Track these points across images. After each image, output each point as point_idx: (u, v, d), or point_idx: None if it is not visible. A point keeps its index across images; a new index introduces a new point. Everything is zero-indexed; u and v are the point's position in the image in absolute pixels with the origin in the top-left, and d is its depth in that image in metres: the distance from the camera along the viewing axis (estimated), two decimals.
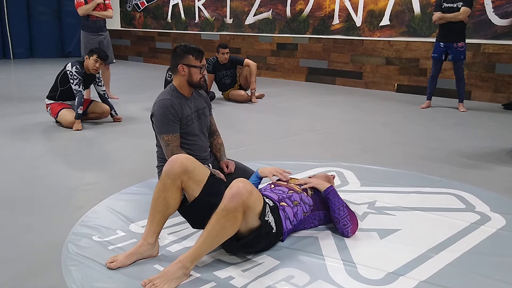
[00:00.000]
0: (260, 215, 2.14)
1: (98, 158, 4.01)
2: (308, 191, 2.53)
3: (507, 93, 6.78)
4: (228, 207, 1.98)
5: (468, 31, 6.50)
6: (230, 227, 2.01)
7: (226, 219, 1.99)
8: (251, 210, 2.07)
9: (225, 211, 1.99)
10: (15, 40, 12.64)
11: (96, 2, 6.43)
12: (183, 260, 2.01)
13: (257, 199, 2.11)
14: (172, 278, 1.97)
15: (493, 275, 2.10)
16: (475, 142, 4.62)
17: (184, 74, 2.82)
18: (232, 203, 1.98)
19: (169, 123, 2.79)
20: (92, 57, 4.92)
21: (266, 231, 2.20)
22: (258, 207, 2.12)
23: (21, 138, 4.59)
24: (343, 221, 2.40)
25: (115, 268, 2.10)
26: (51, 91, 5.12)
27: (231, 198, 1.99)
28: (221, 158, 3.08)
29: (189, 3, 11.20)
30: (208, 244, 2.03)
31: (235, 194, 2.00)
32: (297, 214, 2.40)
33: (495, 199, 3.01)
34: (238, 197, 1.99)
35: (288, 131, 5.07)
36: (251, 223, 2.13)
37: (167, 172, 2.20)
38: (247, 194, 2.02)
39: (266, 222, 2.19)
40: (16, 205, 2.94)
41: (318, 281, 2.03)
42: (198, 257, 2.03)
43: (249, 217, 2.09)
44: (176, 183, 2.18)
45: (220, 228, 2.00)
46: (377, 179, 3.40)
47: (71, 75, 4.89)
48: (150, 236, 2.20)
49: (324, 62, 8.89)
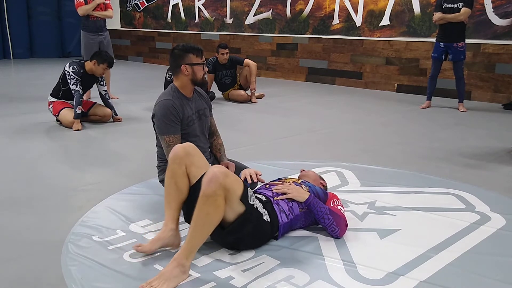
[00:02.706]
0: (241, 198, 2.15)
1: (98, 158, 4.01)
2: (303, 187, 2.53)
3: (507, 93, 6.78)
4: (207, 192, 2.01)
5: (468, 31, 6.51)
6: (214, 213, 2.03)
7: (207, 205, 2.01)
8: (231, 193, 2.09)
9: (205, 197, 2.01)
10: (15, 40, 12.64)
11: (96, 3, 6.43)
12: (178, 258, 2.01)
13: (234, 181, 2.13)
14: (169, 277, 1.96)
15: (493, 275, 2.10)
16: (475, 142, 4.62)
17: (188, 74, 2.82)
18: (210, 187, 2.01)
19: (170, 124, 2.79)
20: (102, 65, 4.99)
21: (255, 217, 2.20)
22: (238, 190, 2.14)
23: (21, 138, 4.59)
24: (331, 228, 2.41)
25: (140, 251, 2.19)
26: (55, 90, 5.16)
27: (208, 183, 2.02)
28: (221, 158, 3.08)
29: (189, 3, 11.20)
30: (198, 235, 2.04)
31: (211, 178, 2.03)
32: (292, 209, 2.40)
33: (495, 199, 3.01)
34: (215, 181, 2.02)
35: (288, 131, 5.07)
36: (236, 209, 2.14)
37: (172, 158, 2.30)
38: (222, 176, 2.04)
39: (251, 206, 2.20)
40: (16, 205, 2.94)
41: (318, 281, 2.03)
42: (191, 252, 2.03)
43: (232, 202, 2.10)
44: (181, 168, 2.27)
45: (204, 216, 2.02)
46: (377, 179, 3.40)
47: (68, 75, 4.94)
48: (171, 222, 2.27)
49: (324, 62, 8.89)
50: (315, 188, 2.61)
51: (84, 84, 5.06)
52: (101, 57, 5.01)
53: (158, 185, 3.04)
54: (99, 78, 5.19)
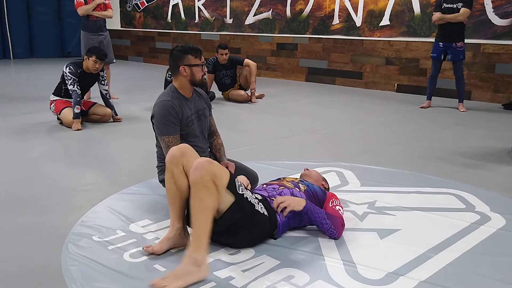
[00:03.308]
0: (229, 186, 2.17)
1: (98, 158, 4.01)
2: (300, 187, 2.53)
3: (507, 93, 6.78)
4: (195, 179, 2.08)
5: (468, 31, 6.51)
6: (206, 197, 2.07)
7: (198, 190, 2.06)
8: (219, 178, 2.12)
9: (195, 185, 2.08)
10: (15, 40, 12.64)
11: (96, 3, 6.43)
12: (187, 254, 2.03)
13: (219, 168, 2.18)
14: (181, 275, 1.95)
15: (493, 275, 2.10)
16: (475, 142, 4.62)
17: (187, 75, 2.82)
18: (196, 174, 2.08)
19: (169, 125, 2.79)
20: (92, 58, 4.97)
21: (247, 206, 2.22)
22: (225, 177, 2.17)
23: (21, 138, 4.59)
24: (329, 232, 2.41)
25: (149, 252, 2.22)
26: (57, 88, 5.18)
27: (194, 172, 2.11)
28: (221, 158, 3.08)
29: (189, 3, 11.20)
30: (199, 224, 2.06)
31: (196, 167, 2.11)
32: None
33: (495, 199, 3.01)
34: (200, 167, 2.09)
35: (288, 131, 5.07)
36: (225, 198, 2.17)
37: (169, 159, 2.33)
38: (207, 163, 2.12)
39: (241, 196, 2.22)
40: (16, 205, 2.94)
41: (318, 281, 2.03)
42: (199, 243, 2.03)
43: (220, 190, 2.13)
44: (179, 168, 2.30)
45: (198, 202, 2.06)
46: (377, 179, 3.40)
47: (65, 76, 4.98)
48: (177, 222, 2.31)
49: (324, 62, 8.89)
50: (313, 187, 2.61)
51: (83, 83, 5.07)
52: (90, 51, 5.01)
53: (158, 185, 3.03)
54: (100, 77, 5.19)
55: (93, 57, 4.97)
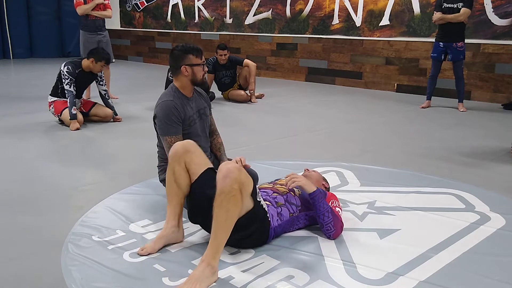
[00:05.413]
0: (252, 193, 2.17)
1: (98, 158, 4.01)
2: (295, 191, 2.52)
3: (507, 93, 6.78)
4: (225, 189, 2.01)
5: (468, 31, 6.51)
6: (234, 208, 2.03)
7: (226, 201, 2.01)
8: (245, 188, 2.09)
9: (223, 194, 2.01)
10: (15, 40, 12.64)
11: (95, 3, 6.44)
12: (205, 259, 2.00)
13: (247, 176, 2.14)
14: (200, 278, 1.95)
15: (493, 275, 2.10)
16: (475, 142, 4.62)
17: (188, 75, 2.82)
18: (226, 183, 2.01)
19: (172, 125, 2.79)
20: (100, 63, 5.01)
21: (261, 214, 2.23)
22: (250, 185, 2.15)
23: (21, 138, 4.59)
24: (327, 226, 2.39)
25: (145, 254, 2.21)
26: (54, 88, 5.17)
27: (224, 179, 2.02)
28: (221, 157, 3.08)
29: (188, 3, 11.20)
30: (221, 233, 2.02)
31: (226, 174, 2.03)
32: (281, 214, 2.40)
33: (495, 199, 3.01)
34: (231, 176, 2.02)
35: (288, 131, 5.07)
36: (246, 205, 2.15)
37: (172, 155, 2.33)
38: (237, 171, 2.05)
39: (258, 203, 2.23)
40: (16, 205, 2.94)
41: (318, 281, 2.03)
42: (217, 251, 2.02)
43: (244, 198, 2.11)
44: (181, 165, 2.30)
45: (225, 212, 2.02)
46: (377, 179, 3.40)
47: (63, 75, 4.97)
48: (172, 218, 2.31)
49: (324, 62, 8.89)
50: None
51: (81, 82, 5.08)
52: (99, 55, 5.02)
53: (158, 185, 3.04)
54: (98, 78, 5.19)
55: (102, 62, 5.01)
